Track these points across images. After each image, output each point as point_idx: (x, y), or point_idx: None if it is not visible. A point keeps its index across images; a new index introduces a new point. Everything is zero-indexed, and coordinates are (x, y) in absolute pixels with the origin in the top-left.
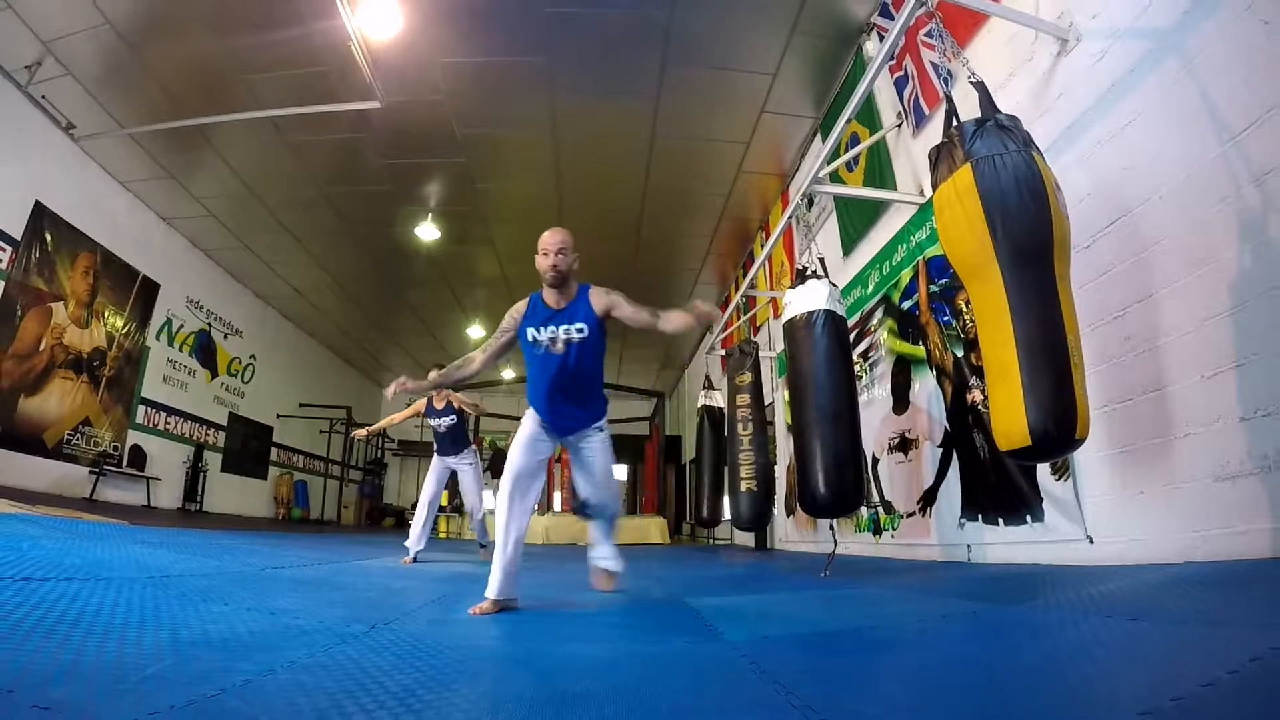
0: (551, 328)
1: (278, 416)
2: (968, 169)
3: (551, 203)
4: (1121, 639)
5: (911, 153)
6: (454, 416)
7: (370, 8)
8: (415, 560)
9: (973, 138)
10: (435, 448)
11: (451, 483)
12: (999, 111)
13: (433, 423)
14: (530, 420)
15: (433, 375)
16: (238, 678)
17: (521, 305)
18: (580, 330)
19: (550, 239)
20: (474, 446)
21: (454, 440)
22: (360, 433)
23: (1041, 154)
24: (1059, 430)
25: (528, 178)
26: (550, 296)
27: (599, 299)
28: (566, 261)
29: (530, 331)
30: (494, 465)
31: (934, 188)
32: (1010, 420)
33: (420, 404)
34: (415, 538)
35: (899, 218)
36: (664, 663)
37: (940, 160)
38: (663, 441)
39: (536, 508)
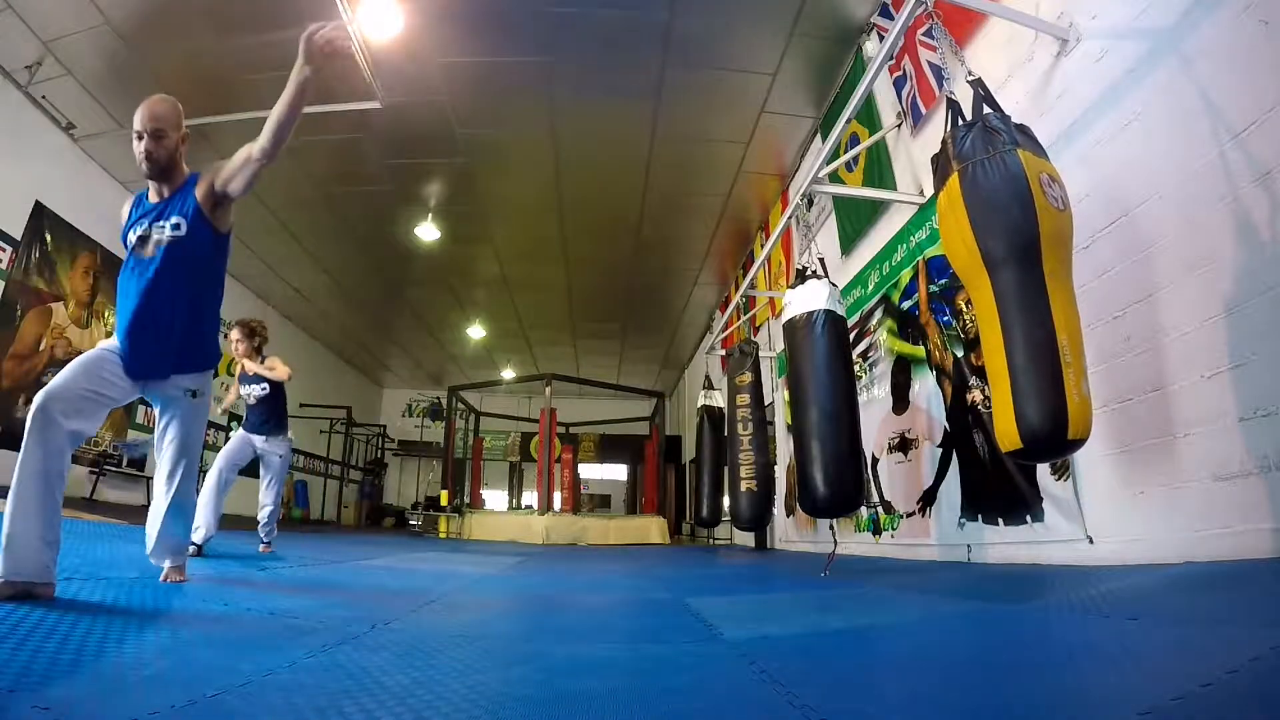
0: (144, 225)
1: None
2: (956, 177)
3: (551, 203)
4: (1121, 639)
5: (911, 153)
6: (266, 385)
7: (370, 8)
8: (203, 553)
9: (961, 143)
10: (245, 423)
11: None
12: (991, 111)
13: (244, 390)
14: (100, 345)
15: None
16: (238, 678)
17: (126, 206)
18: (176, 227)
19: (140, 114)
20: (289, 435)
21: (264, 417)
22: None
23: (1036, 147)
24: (1049, 431)
25: (528, 178)
26: (152, 189)
27: (204, 182)
28: (166, 147)
29: (129, 235)
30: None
31: (935, 195)
32: (1004, 422)
33: (239, 368)
34: (206, 519)
35: (899, 218)
36: (664, 663)
37: (938, 168)
38: (663, 441)
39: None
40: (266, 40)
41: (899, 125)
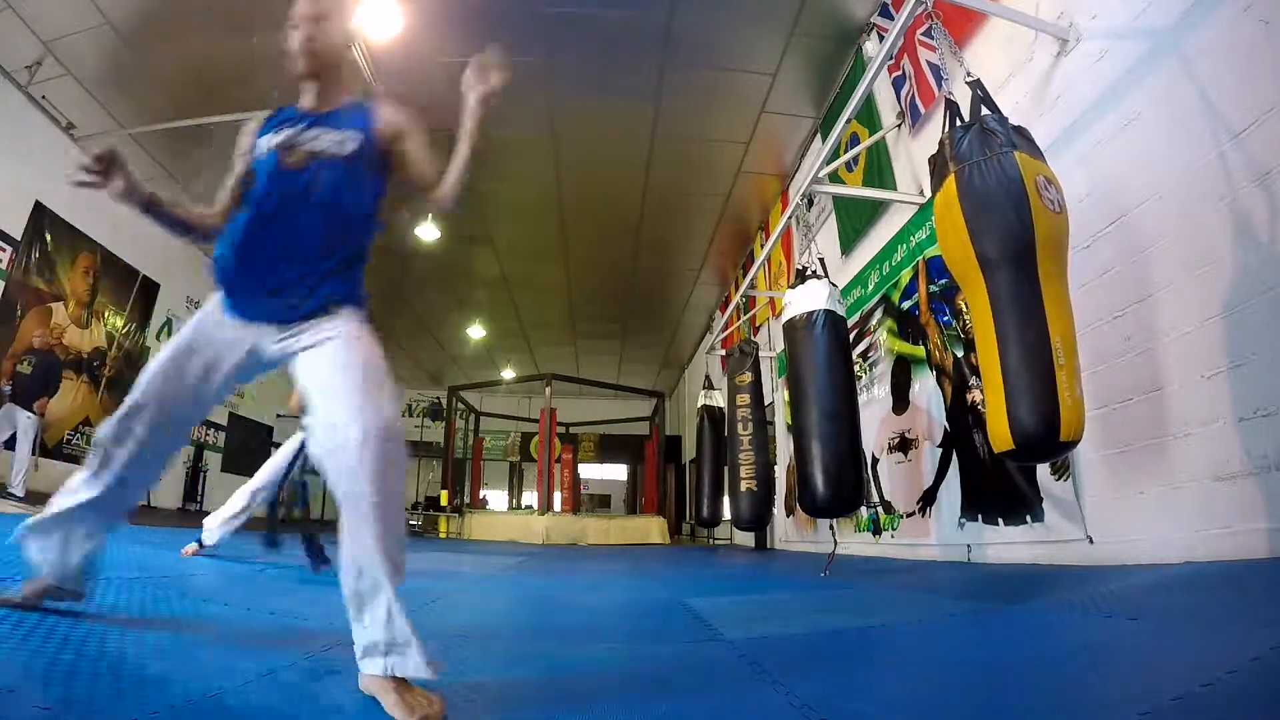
0: (290, 131)
1: (278, 416)
2: (953, 179)
3: (551, 203)
4: (1121, 639)
5: (911, 153)
6: None
7: (370, 8)
8: (203, 548)
9: (958, 144)
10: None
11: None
12: (989, 112)
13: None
14: (202, 311)
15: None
16: (238, 678)
17: (263, 115)
18: (342, 143)
19: (302, 2)
20: None
21: None
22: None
23: (1033, 149)
24: (1042, 433)
25: (528, 178)
26: (308, 100)
27: (392, 114)
28: (329, 36)
29: (264, 141)
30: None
31: (932, 196)
32: (997, 423)
33: None
34: (223, 520)
35: (899, 218)
36: (664, 663)
37: (936, 169)
38: (663, 441)
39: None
40: (266, 40)
41: (899, 125)
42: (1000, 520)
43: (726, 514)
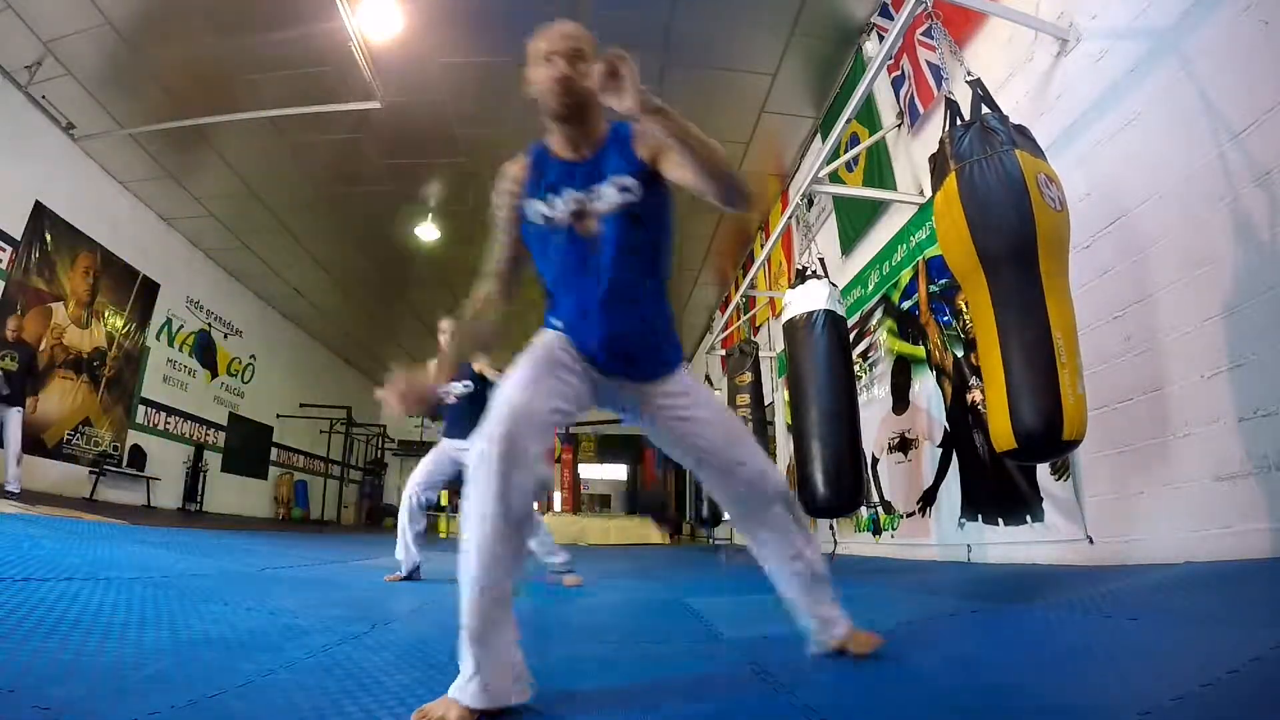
0: (569, 191)
1: (278, 416)
2: (953, 177)
3: None
4: (1121, 639)
5: (911, 152)
6: (470, 383)
7: (370, 8)
8: (410, 577)
9: (959, 143)
10: (443, 428)
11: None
12: (989, 111)
13: (439, 391)
14: (550, 337)
15: (445, 339)
16: (238, 678)
17: (516, 167)
18: (625, 190)
19: (548, 36)
20: None
21: (472, 418)
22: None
23: (1033, 147)
24: (1044, 432)
25: None
26: (562, 141)
27: (645, 140)
28: (587, 76)
29: (537, 208)
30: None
31: (933, 195)
32: (999, 422)
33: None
34: (404, 549)
35: (899, 218)
36: (663, 663)
37: (936, 168)
38: None
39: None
40: (266, 40)
41: (899, 125)
42: (1000, 520)
43: (727, 514)
